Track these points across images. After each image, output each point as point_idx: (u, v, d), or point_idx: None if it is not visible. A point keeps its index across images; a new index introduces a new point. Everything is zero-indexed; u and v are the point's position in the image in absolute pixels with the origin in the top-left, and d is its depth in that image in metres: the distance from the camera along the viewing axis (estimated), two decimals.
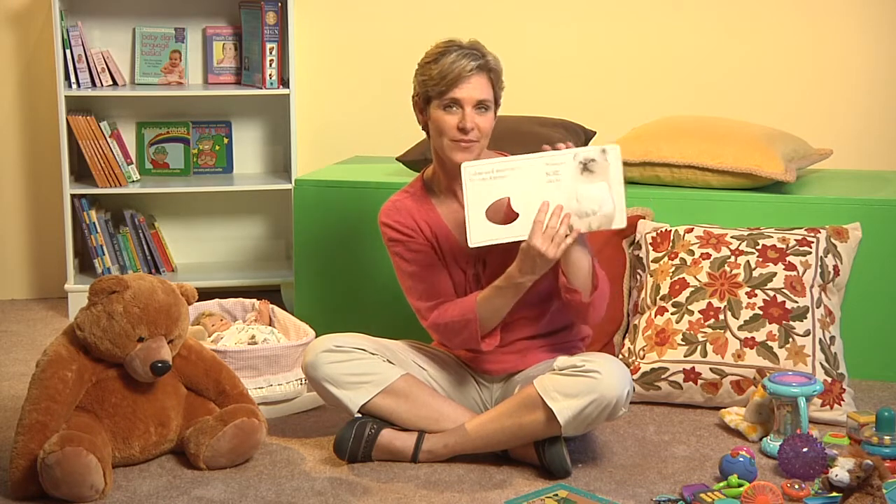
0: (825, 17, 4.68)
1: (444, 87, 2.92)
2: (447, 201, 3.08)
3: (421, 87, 2.98)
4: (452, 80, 2.92)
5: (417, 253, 3.06)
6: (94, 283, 2.95)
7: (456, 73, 2.91)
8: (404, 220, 3.07)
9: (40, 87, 4.63)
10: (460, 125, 2.93)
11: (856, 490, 2.57)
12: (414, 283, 3.06)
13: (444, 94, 2.93)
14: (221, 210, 4.80)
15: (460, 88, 2.92)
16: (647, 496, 2.83)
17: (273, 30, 4.47)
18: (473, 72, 2.92)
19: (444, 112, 2.94)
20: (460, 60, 2.92)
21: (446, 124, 2.94)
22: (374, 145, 4.63)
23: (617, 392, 2.86)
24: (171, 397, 3.04)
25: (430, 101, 2.97)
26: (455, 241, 3.06)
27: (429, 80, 2.95)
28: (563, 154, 2.87)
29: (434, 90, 2.94)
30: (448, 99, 2.93)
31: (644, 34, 4.72)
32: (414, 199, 3.10)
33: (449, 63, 2.92)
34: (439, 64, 2.93)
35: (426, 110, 2.99)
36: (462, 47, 2.96)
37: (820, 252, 3.51)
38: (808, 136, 4.33)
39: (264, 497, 2.85)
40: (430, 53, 2.99)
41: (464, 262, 3.07)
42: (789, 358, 3.35)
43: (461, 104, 2.93)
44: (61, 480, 2.74)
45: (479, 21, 4.71)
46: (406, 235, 3.06)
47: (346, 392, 3.02)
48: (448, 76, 2.91)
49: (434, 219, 3.07)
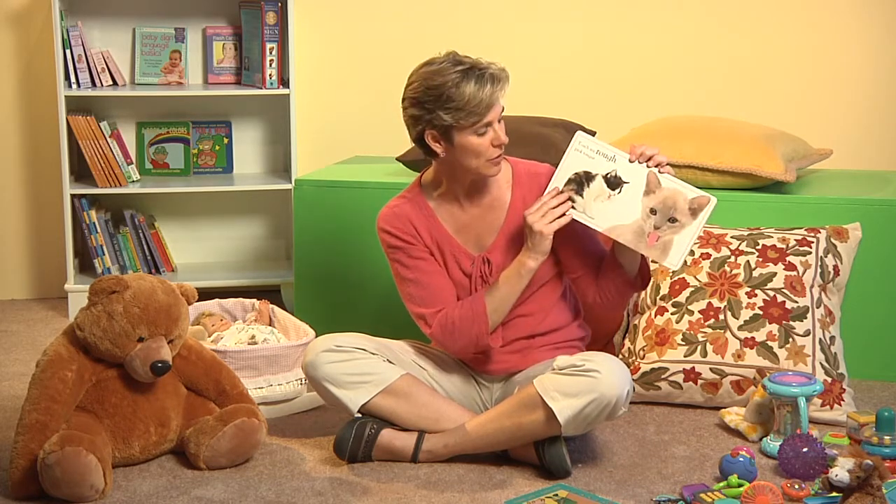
0: (825, 17, 4.68)
1: (478, 116, 2.89)
2: (446, 205, 3.07)
3: (440, 122, 2.90)
4: (487, 107, 2.89)
5: (418, 259, 3.05)
6: (94, 283, 2.95)
7: (487, 101, 2.88)
8: (403, 226, 3.06)
9: (40, 87, 4.63)
10: (495, 142, 2.93)
11: (856, 490, 2.57)
12: (415, 290, 3.05)
13: (477, 121, 2.90)
14: (221, 210, 4.80)
15: (492, 110, 2.90)
16: (647, 496, 2.83)
17: (273, 30, 4.47)
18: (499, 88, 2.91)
19: (478, 136, 2.92)
20: (485, 86, 2.88)
21: (483, 146, 2.93)
22: (374, 145, 4.63)
23: (617, 391, 2.86)
24: (171, 397, 3.04)
25: (453, 130, 2.91)
26: (457, 244, 3.06)
27: (456, 112, 2.88)
28: (672, 183, 2.94)
29: (466, 121, 2.89)
30: (482, 124, 2.91)
31: (644, 34, 4.72)
32: (412, 204, 3.08)
33: (474, 91, 2.87)
34: (461, 93, 2.87)
35: (449, 139, 2.93)
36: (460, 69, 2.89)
37: (820, 252, 3.51)
38: (808, 136, 4.33)
39: (264, 497, 2.85)
40: (433, 86, 2.89)
41: (468, 265, 3.06)
42: (789, 358, 3.35)
43: (491, 123, 2.92)
44: (61, 480, 2.74)
45: (480, 21, 4.71)
46: (406, 242, 3.05)
47: (347, 392, 3.02)
48: (481, 105, 2.88)
49: (434, 223, 3.06)
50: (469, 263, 3.06)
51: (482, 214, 3.06)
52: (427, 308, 3.04)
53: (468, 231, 3.07)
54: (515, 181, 3.07)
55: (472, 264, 3.06)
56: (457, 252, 3.06)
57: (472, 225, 3.06)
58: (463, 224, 3.06)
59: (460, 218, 3.06)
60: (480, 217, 3.06)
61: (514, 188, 3.06)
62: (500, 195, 3.06)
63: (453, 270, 3.06)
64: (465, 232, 3.07)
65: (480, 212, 3.06)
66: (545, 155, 3.90)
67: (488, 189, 3.05)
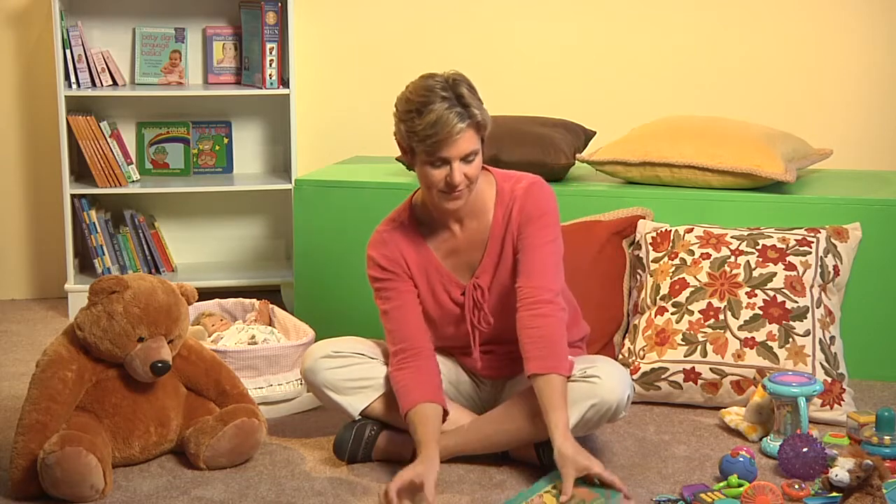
0: (825, 17, 4.68)
1: (430, 147, 2.76)
2: (438, 231, 3.01)
3: (404, 137, 2.82)
4: (440, 142, 2.76)
5: (395, 292, 2.99)
6: (94, 283, 2.95)
7: (444, 133, 2.74)
8: (391, 254, 2.99)
9: (40, 87, 4.63)
10: (449, 180, 2.81)
11: (856, 490, 2.57)
12: (385, 323, 3.00)
13: (431, 152, 2.78)
14: (221, 210, 4.80)
15: (448, 149, 2.77)
16: (647, 496, 2.83)
17: (273, 30, 4.47)
18: (462, 132, 2.77)
19: (432, 168, 2.81)
20: (447, 117, 2.74)
21: (434, 178, 2.81)
22: (374, 145, 4.63)
23: (617, 396, 2.86)
24: (171, 397, 3.04)
25: (415, 152, 2.83)
26: (446, 272, 3.01)
27: (413, 133, 2.78)
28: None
29: (420, 147, 2.79)
30: (436, 158, 2.79)
31: (644, 34, 4.73)
32: (402, 230, 3.01)
33: (435, 120, 2.74)
34: (424, 119, 2.75)
35: (412, 156, 2.86)
36: (445, 97, 2.76)
37: (820, 252, 3.51)
38: (808, 136, 4.33)
39: (264, 497, 2.85)
40: (411, 100, 2.79)
41: (457, 294, 3.01)
42: (789, 358, 3.35)
43: (449, 161, 2.79)
44: (61, 480, 2.74)
45: (479, 21, 4.71)
46: (389, 272, 2.99)
47: (346, 397, 3.02)
48: (435, 136, 2.75)
49: (423, 252, 3.00)
50: (459, 292, 3.01)
51: (470, 237, 2.99)
52: (391, 345, 3.00)
53: (458, 255, 3.01)
54: (498, 199, 2.98)
55: (462, 293, 3.01)
56: (446, 282, 3.01)
57: (461, 249, 3.00)
58: (452, 248, 3.01)
59: (451, 243, 3.00)
60: (468, 240, 3.00)
61: (497, 207, 2.98)
62: (484, 215, 2.98)
63: (443, 300, 3.02)
64: (455, 256, 3.01)
65: (468, 235, 2.99)
66: (545, 155, 3.91)
67: (476, 214, 2.98)
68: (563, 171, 3.96)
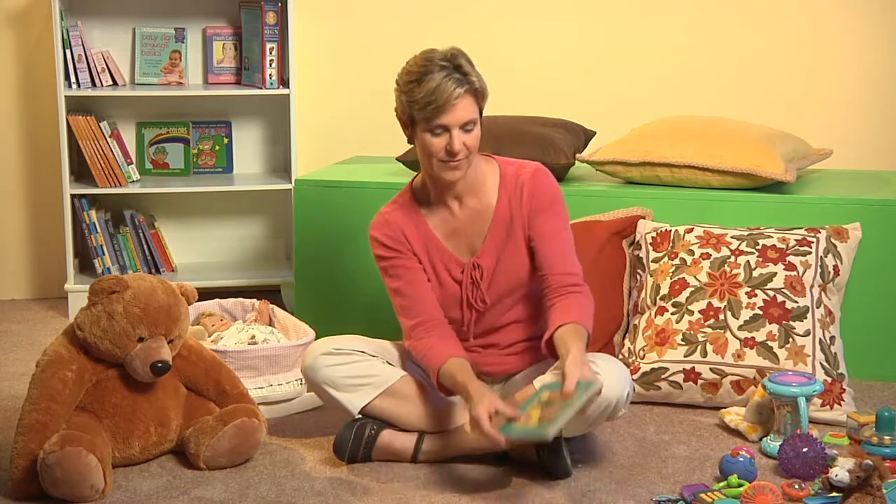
0: (825, 17, 4.68)
1: (430, 114, 2.85)
2: (438, 211, 3.06)
3: (405, 108, 2.91)
4: (439, 108, 2.84)
5: (403, 269, 3.03)
6: (94, 283, 2.95)
7: (443, 100, 2.83)
8: (393, 233, 3.04)
9: (40, 87, 4.62)
10: (449, 148, 2.88)
11: (856, 490, 2.57)
12: (398, 300, 3.04)
13: (430, 119, 2.86)
14: (221, 210, 4.80)
15: (447, 115, 2.85)
16: (647, 496, 2.83)
17: (273, 30, 4.47)
18: (460, 97, 2.85)
19: (432, 136, 2.89)
20: (446, 84, 2.83)
21: (434, 147, 2.90)
22: (374, 145, 4.63)
23: (617, 393, 2.86)
24: (171, 397, 3.04)
25: (415, 122, 2.91)
26: (447, 250, 3.05)
27: (413, 102, 2.87)
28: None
29: (420, 115, 2.87)
30: (435, 124, 2.87)
31: (644, 34, 4.72)
32: (403, 210, 3.07)
33: (434, 87, 2.83)
34: (423, 87, 2.84)
35: (412, 127, 2.94)
36: (444, 66, 2.86)
37: (820, 252, 3.51)
38: (808, 136, 4.33)
39: (264, 497, 2.85)
40: (411, 71, 2.89)
41: (458, 272, 3.05)
42: (789, 358, 3.35)
43: (448, 128, 2.88)
44: (61, 480, 2.74)
45: (479, 21, 4.71)
46: (394, 250, 3.04)
47: (346, 395, 3.02)
48: (434, 103, 2.83)
49: (424, 230, 3.05)
50: (459, 271, 3.05)
51: (471, 218, 3.04)
52: (407, 319, 3.03)
53: (458, 236, 3.05)
54: (502, 183, 3.04)
55: (462, 271, 3.05)
56: (447, 260, 3.05)
57: (462, 230, 3.05)
58: (453, 229, 3.05)
59: (451, 223, 3.05)
60: (470, 221, 3.04)
61: (501, 190, 3.04)
62: (487, 198, 3.04)
63: (444, 278, 3.05)
64: (456, 237, 3.05)
65: (469, 216, 3.04)
66: (545, 155, 3.91)
67: (475, 192, 3.03)
68: (563, 171, 3.96)
